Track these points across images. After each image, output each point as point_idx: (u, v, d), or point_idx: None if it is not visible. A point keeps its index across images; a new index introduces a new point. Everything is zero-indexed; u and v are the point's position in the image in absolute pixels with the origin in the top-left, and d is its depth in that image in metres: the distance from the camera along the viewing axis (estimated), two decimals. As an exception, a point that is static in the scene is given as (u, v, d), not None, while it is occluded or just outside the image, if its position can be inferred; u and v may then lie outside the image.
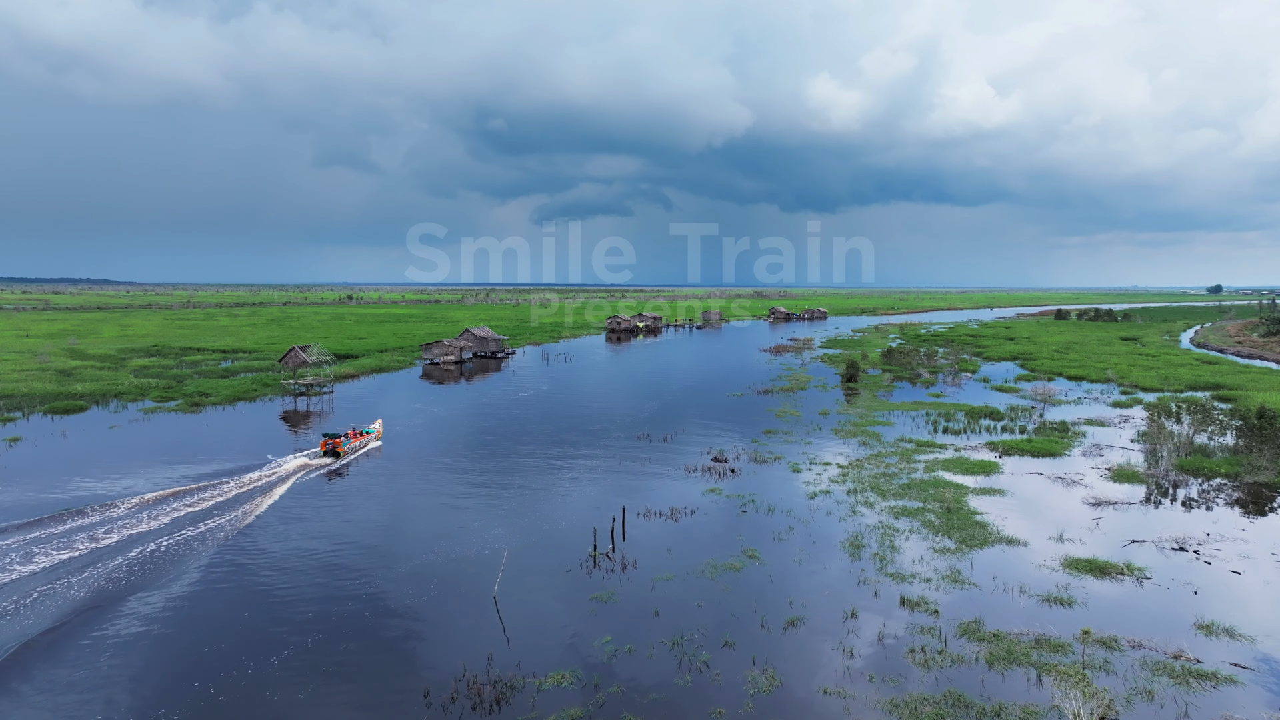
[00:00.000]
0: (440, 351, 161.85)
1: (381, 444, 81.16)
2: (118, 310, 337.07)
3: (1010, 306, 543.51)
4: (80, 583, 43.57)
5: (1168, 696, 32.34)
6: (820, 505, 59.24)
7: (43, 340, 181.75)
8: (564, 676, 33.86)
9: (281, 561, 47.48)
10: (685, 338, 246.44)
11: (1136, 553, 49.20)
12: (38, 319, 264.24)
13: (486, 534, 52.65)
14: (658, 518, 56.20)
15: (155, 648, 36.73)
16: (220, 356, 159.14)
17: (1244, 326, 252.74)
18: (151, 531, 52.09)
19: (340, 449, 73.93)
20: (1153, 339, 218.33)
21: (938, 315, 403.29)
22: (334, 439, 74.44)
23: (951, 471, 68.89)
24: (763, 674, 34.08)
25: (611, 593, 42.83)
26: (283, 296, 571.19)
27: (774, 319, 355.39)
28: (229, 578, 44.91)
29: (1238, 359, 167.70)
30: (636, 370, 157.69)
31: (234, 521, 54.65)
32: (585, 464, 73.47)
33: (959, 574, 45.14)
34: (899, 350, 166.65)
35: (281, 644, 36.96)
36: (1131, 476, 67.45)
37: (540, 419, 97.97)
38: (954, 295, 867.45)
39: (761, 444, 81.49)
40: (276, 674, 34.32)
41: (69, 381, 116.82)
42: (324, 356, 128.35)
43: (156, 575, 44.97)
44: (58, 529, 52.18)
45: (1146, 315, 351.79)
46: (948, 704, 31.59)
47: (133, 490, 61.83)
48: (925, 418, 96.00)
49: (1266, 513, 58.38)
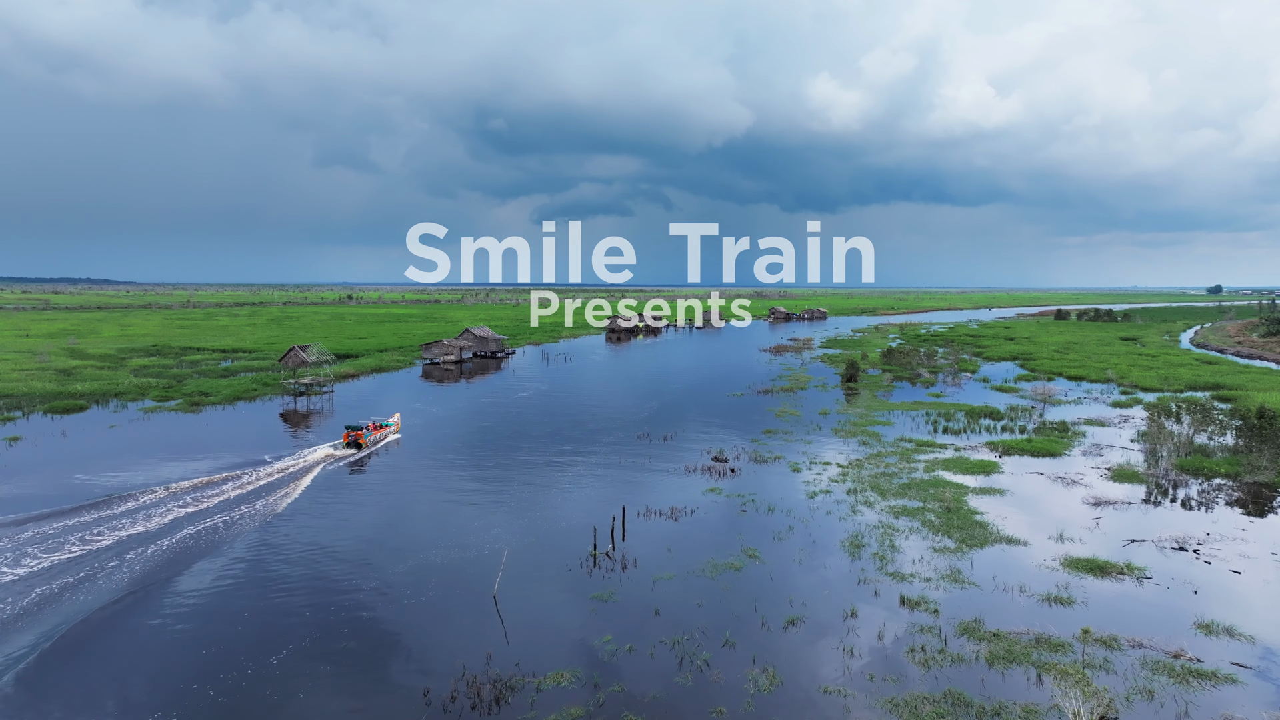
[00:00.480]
0: (440, 351, 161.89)
1: (400, 436, 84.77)
2: (117, 310, 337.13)
3: (1010, 307, 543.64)
4: (143, 557, 47.73)
5: (1168, 695, 32.36)
6: (820, 505, 59.26)
7: (42, 340, 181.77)
8: (564, 676, 33.87)
9: (287, 557, 47.48)
10: (685, 338, 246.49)
11: (1136, 552, 49.22)
12: (37, 318, 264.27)
13: (486, 533, 52.65)
14: (658, 517, 56.22)
15: (165, 646, 36.75)
16: (220, 356, 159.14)
17: (1244, 327, 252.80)
18: (189, 515, 55.85)
19: (362, 440, 77.03)
20: (1152, 339, 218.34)
21: (937, 315, 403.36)
22: (356, 431, 77.67)
23: (951, 471, 68.91)
24: (763, 673, 34.09)
25: (611, 592, 42.84)
26: (282, 296, 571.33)
27: (774, 319, 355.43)
28: (241, 572, 44.91)
29: (1238, 359, 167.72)
30: (636, 370, 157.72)
31: (267, 507, 58.11)
32: (585, 463, 73.48)
33: (959, 573, 45.15)
34: (899, 350, 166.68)
35: (283, 641, 36.97)
36: (1131, 476, 67.47)
37: (540, 418, 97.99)
38: (954, 295, 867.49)
39: (761, 443, 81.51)
40: (276, 672, 34.31)
41: (69, 381, 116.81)
42: (324, 356, 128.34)
43: (185, 560, 46.72)
44: (106, 513, 55.63)
45: (1146, 315, 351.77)
46: (948, 703, 31.61)
47: (175, 477, 65.18)
48: (925, 417, 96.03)
49: (1266, 513, 58.39)
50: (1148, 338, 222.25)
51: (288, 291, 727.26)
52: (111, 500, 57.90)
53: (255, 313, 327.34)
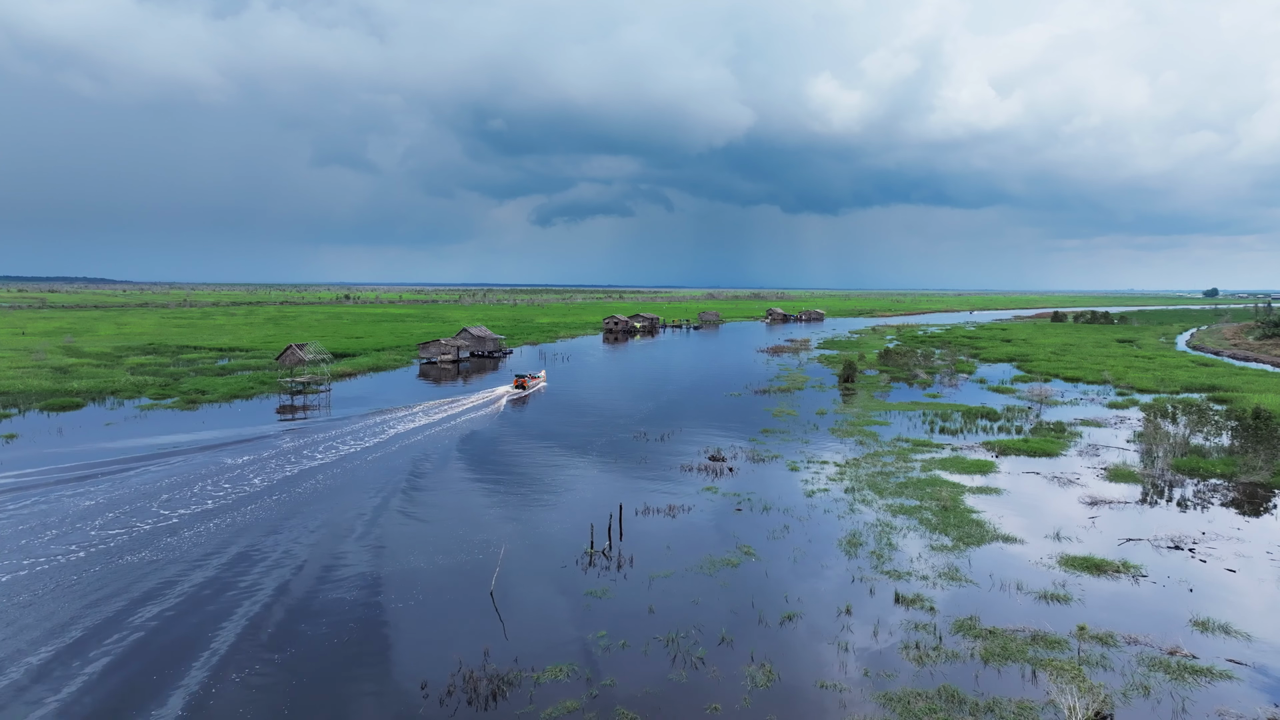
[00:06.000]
0: (437, 350, 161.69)
1: (546, 385, 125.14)
2: (114, 309, 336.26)
3: (1007, 309, 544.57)
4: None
5: (1163, 692, 32.40)
6: (817, 503, 59.27)
7: (39, 338, 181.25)
8: (560, 671, 33.83)
9: (293, 549, 47.44)
10: (683, 338, 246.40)
11: (1133, 551, 49.30)
12: (34, 317, 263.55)
13: (483, 531, 52.59)
14: (655, 515, 56.19)
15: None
16: (217, 355, 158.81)
17: (1240, 329, 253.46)
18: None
19: (525, 385, 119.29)
20: (1149, 341, 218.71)
21: (935, 317, 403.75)
22: (522, 379, 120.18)
23: (948, 471, 68.97)
24: (759, 669, 34.07)
25: (608, 589, 42.80)
26: (280, 296, 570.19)
27: (771, 320, 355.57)
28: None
29: (1233, 361, 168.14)
30: (634, 370, 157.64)
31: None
32: (582, 462, 73.43)
33: (955, 571, 45.19)
34: (896, 351, 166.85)
35: (284, 639, 36.91)
36: (1128, 476, 67.59)
37: (537, 418, 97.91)
38: (951, 297, 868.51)
39: (759, 443, 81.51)
40: (276, 672, 34.24)
41: (65, 379, 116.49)
42: (321, 355, 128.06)
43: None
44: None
45: (1143, 318, 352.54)
46: (942, 699, 31.62)
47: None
48: (922, 418, 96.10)
49: (1261, 512, 58.53)
50: (1144, 340, 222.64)
51: (285, 291, 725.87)
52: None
53: (252, 312, 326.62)
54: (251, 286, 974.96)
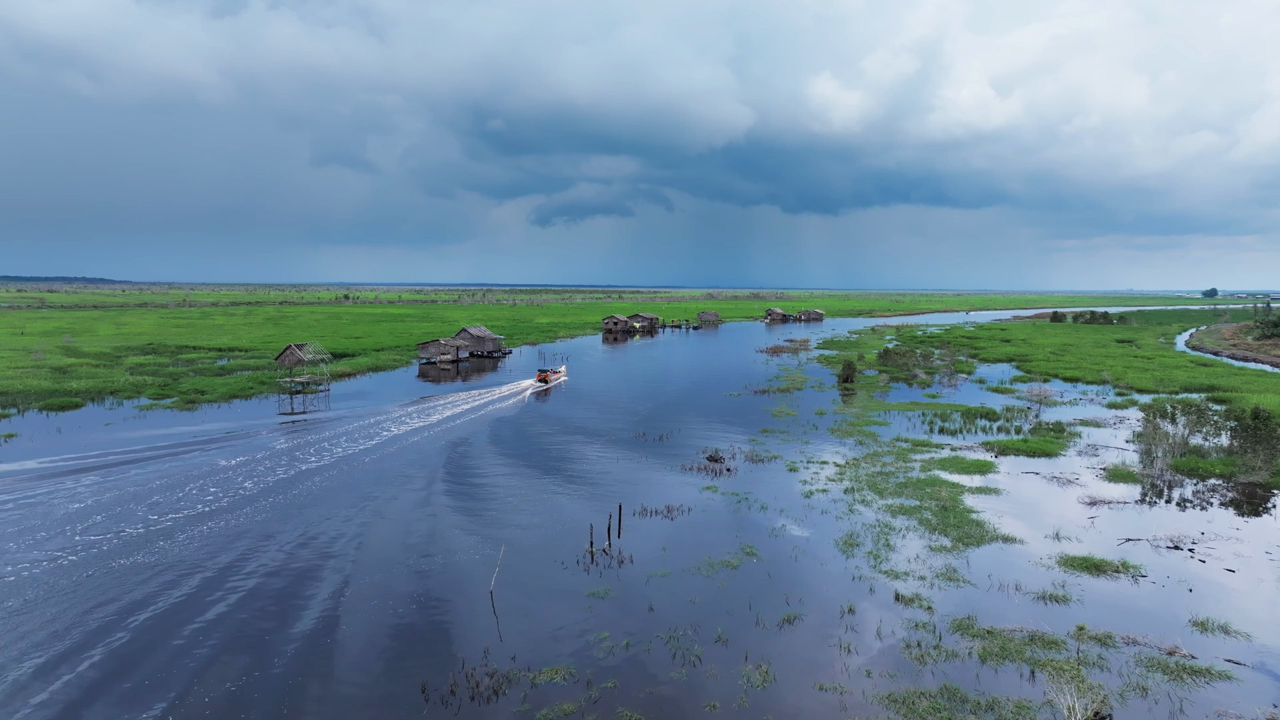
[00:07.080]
0: (437, 351, 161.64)
1: (567, 379, 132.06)
2: (113, 309, 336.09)
3: (1006, 309, 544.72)
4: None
5: (1162, 692, 32.42)
6: (816, 503, 59.29)
7: (38, 338, 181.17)
8: (559, 671, 33.83)
9: (296, 548, 47.43)
10: (682, 338, 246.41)
11: (1132, 551, 49.33)
12: (33, 317, 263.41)
13: (483, 530, 52.59)
14: (654, 515, 56.20)
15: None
16: (216, 355, 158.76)
17: (1239, 330, 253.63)
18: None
19: (548, 379, 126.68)
20: (1148, 342, 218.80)
21: (934, 317, 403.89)
22: (544, 373, 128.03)
23: (948, 471, 68.99)
24: (756, 669, 34.08)
25: (607, 589, 42.81)
26: (279, 296, 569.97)
27: (771, 320, 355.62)
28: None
29: (1233, 362, 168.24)
30: (633, 370, 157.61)
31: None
32: (581, 462, 73.42)
33: (954, 571, 45.21)
34: (895, 351, 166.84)
35: (286, 638, 36.90)
36: (1127, 476, 67.63)
37: (536, 418, 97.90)
38: (950, 298, 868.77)
39: (758, 443, 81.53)
40: (276, 671, 34.24)
41: (64, 379, 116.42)
42: (320, 355, 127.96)
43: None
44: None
45: (1142, 318, 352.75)
46: (943, 698, 31.63)
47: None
48: (921, 418, 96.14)
49: (1260, 512, 58.57)
50: (1143, 340, 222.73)
51: (284, 291, 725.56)
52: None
53: (251, 312, 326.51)
54: (250, 286, 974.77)
